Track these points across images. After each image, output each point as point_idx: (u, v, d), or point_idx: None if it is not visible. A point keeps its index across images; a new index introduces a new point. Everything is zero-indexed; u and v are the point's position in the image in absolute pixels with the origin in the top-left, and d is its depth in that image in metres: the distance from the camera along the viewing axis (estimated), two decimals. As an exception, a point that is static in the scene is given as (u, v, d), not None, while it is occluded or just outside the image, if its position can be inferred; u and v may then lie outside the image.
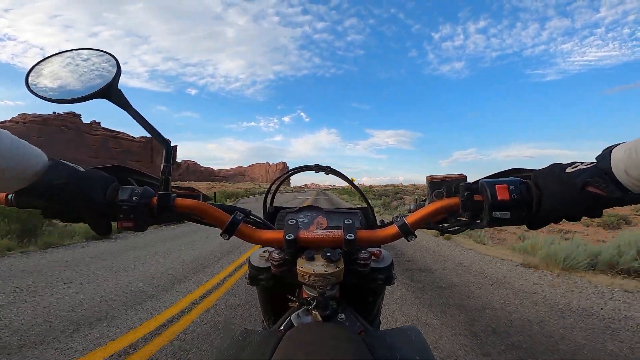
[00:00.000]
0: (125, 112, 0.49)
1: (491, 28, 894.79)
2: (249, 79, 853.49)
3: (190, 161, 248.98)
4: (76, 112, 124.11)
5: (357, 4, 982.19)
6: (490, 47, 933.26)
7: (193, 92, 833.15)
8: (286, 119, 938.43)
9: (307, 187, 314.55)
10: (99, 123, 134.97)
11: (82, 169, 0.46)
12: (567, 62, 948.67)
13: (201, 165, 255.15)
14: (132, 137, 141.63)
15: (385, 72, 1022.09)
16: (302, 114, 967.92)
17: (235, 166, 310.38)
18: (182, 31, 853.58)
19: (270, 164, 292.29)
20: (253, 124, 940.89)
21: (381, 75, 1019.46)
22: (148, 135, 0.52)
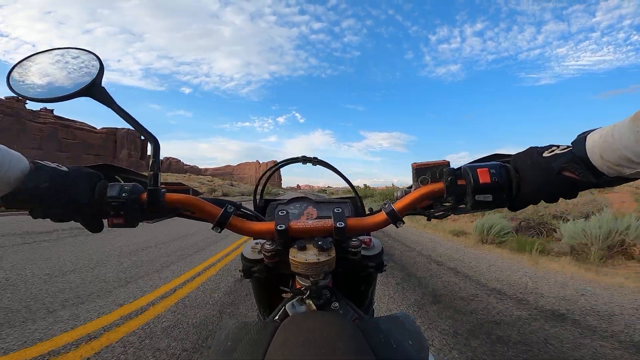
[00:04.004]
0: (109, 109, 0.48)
1: (488, 31, 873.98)
2: (244, 79, 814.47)
3: (173, 158, 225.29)
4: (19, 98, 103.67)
5: (354, 5, 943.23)
6: (486, 50, 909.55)
7: (187, 90, 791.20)
8: (281, 119, 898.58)
9: (300, 188, 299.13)
10: (51, 111, 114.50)
11: (64, 168, 0.45)
12: (562, 67, 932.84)
13: (185, 163, 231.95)
14: (93, 127, 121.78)
15: (381, 73, 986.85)
16: (296, 114, 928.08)
17: (223, 165, 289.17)
18: (177, 29, 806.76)
19: (260, 162, 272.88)
20: (247, 124, 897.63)
21: (377, 77, 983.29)
22: (113, 126, 0.38)
